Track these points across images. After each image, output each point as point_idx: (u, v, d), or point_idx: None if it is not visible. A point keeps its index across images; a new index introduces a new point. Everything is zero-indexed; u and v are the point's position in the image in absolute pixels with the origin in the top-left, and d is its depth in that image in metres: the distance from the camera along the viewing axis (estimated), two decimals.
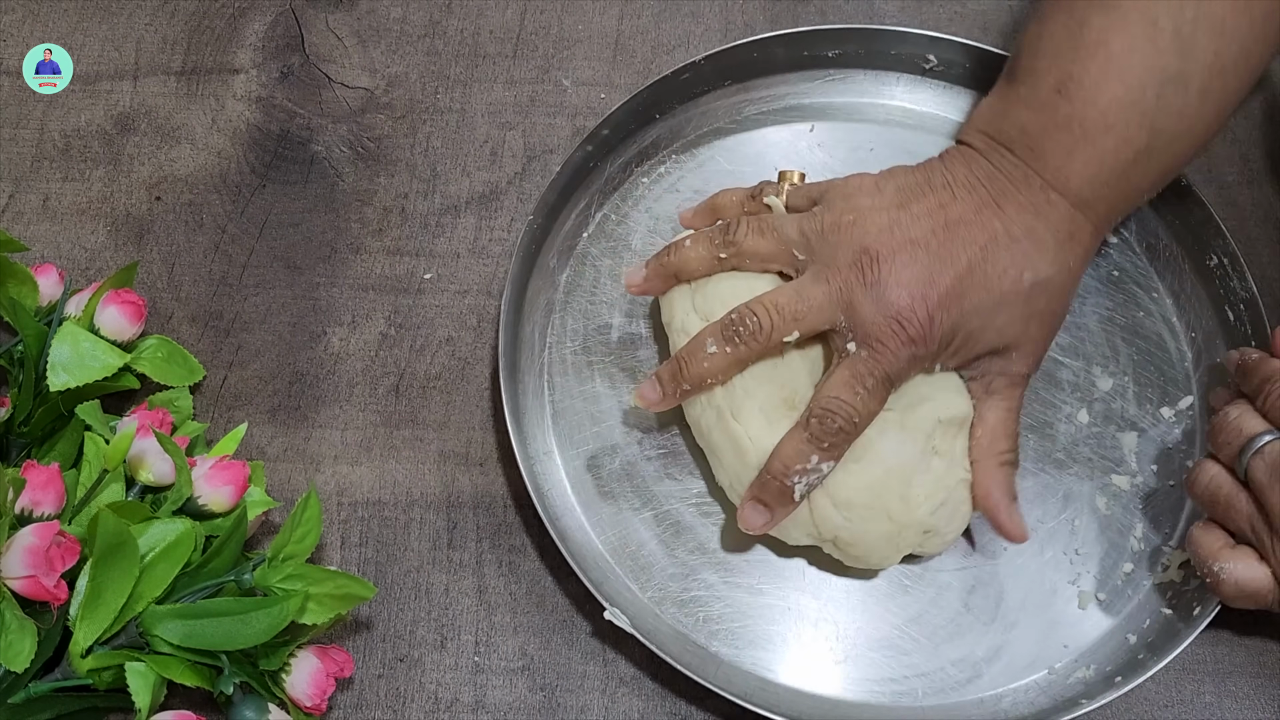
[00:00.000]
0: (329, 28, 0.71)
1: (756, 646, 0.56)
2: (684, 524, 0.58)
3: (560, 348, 0.62)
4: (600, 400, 0.61)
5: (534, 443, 0.59)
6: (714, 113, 0.67)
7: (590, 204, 0.65)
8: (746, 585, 0.57)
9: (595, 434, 0.60)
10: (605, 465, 0.59)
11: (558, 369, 0.61)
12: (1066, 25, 0.52)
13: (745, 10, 0.72)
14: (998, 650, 0.56)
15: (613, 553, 0.58)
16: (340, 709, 0.55)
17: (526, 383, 0.61)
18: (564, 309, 0.63)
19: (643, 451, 0.60)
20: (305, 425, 0.61)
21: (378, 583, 0.57)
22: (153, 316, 0.62)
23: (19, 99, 0.69)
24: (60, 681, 0.50)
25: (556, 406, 0.61)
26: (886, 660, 0.56)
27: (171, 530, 0.51)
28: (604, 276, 0.64)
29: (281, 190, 0.66)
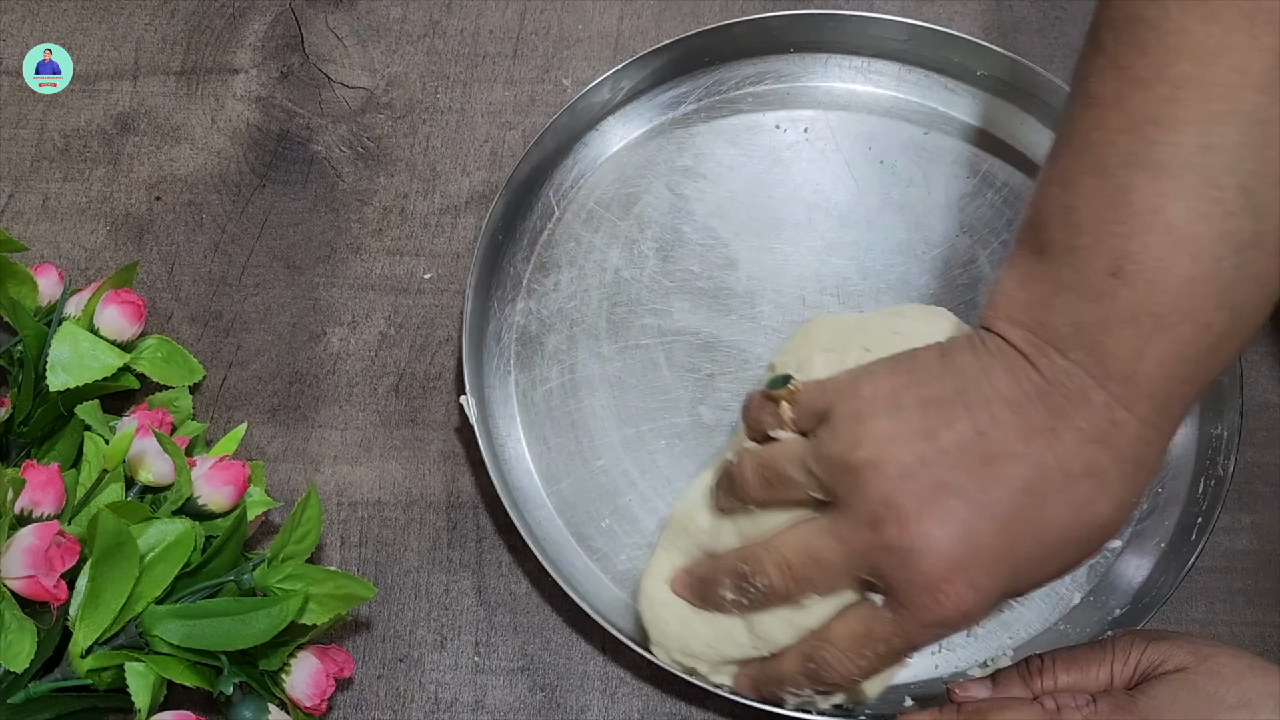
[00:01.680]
0: (329, 28, 0.71)
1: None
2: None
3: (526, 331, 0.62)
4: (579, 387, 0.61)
5: (502, 441, 0.60)
6: (717, 86, 0.68)
7: (578, 164, 0.66)
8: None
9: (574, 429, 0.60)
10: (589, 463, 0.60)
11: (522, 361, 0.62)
12: (1104, 191, 0.41)
13: (745, 10, 0.72)
14: (991, 662, 0.56)
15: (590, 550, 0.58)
16: (340, 709, 0.55)
17: (489, 376, 0.61)
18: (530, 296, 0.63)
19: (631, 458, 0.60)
20: (305, 425, 0.61)
21: (378, 583, 0.57)
22: (152, 316, 0.62)
23: (19, 99, 0.69)
24: (60, 681, 0.50)
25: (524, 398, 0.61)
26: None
27: (171, 530, 0.51)
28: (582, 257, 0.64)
29: (281, 190, 0.66)
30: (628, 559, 0.57)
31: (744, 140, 0.67)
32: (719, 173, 0.66)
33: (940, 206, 0.65)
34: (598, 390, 0.61)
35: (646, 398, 0.61)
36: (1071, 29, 0.72)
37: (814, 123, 0.67)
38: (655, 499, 0.59)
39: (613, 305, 0.63)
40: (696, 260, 0.64)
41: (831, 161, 0.66)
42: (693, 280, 0.63)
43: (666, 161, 0.66)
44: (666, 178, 0.66)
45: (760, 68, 0.68)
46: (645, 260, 0.64)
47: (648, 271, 0.63)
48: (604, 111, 0.66)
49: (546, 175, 0.65)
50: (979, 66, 0.67)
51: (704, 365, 0.61)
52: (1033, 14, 0.72)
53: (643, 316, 0.62)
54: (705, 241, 0.64)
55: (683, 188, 0.65)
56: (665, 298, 0.63)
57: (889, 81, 0.68)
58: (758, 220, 0.65)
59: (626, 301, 0.63)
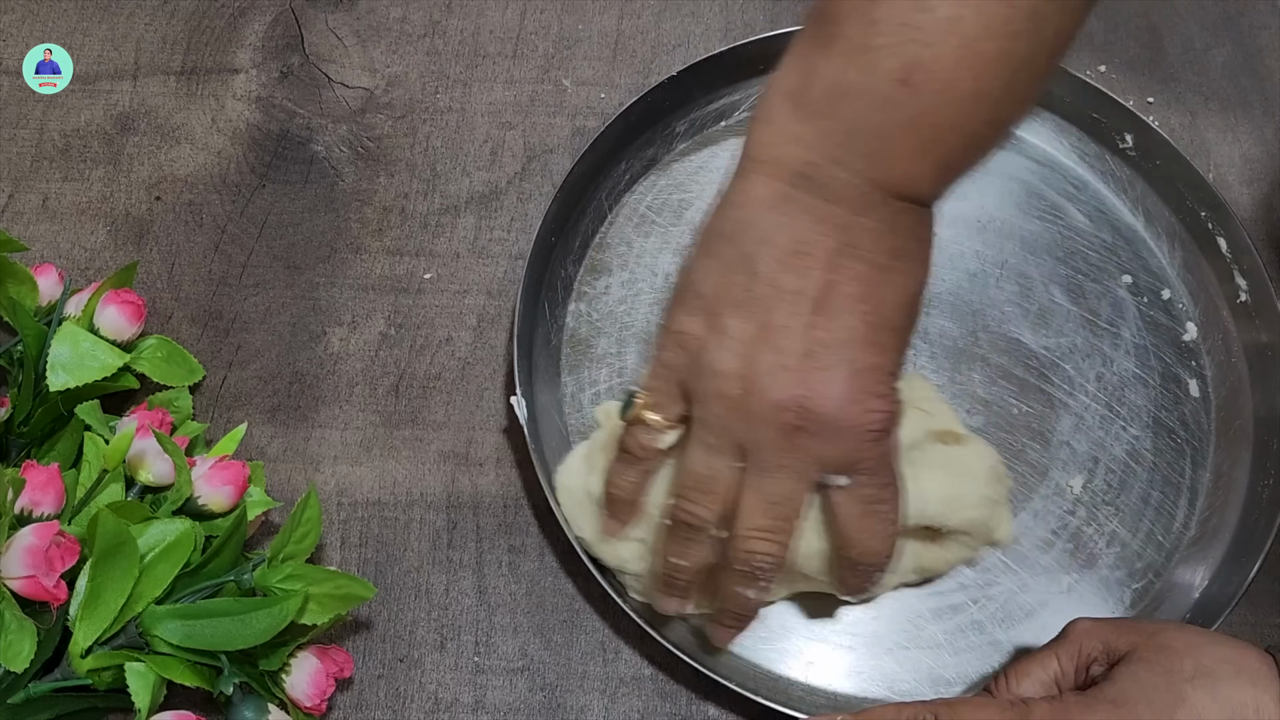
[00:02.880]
0: (329, 28, 0.71)
1: (765, 641, 0.56)
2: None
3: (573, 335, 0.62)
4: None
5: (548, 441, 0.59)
6: (714, 114, 0.68)
7: (630, 169, 0.66)
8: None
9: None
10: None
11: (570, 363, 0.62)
12: (903, 4, 0.42)
13: (745, 10, 0.72)
14: (1011, 656, 0.56)
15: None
16: (340, 709, 0.55)
17: (538, 373, 0.61)
18: (579, 299, 0.63)
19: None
20: (305, 425, 0.61)
21: (378, 583, 0.57)
22: (152, 316, 0.62)
23: (19, 99, 0.69)
24: (60, 681, 0.50)
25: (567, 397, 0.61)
26: (897, 660, 0.56)
27: (171, 530, 0.51)
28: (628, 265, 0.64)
29: (281, 190, 0.66)
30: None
31: None
32: None
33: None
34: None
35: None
36: None
37: None
38: None
39: (663, 310, 0.62)
40: None
41: None
42: None
43: (718, 168, 0.66)
44: (719, 184, 0.64)
45: None
46: None
47: None
48: (656, 117, 0.66)
49: (598, 178, 0.65)
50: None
51: None
52: None
53: None
54: None
55: None
56: None
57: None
58: None
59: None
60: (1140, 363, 0.62)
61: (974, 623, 0.56)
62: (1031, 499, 0.59)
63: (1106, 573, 0.58)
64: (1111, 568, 0.58)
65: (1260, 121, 0.70)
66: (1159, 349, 0.63)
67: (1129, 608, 0.57)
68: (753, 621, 0.52)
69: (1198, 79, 0.71)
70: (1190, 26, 0.72)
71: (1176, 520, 0.59)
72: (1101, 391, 0.61)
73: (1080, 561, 0.58)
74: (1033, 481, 0.59)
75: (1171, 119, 0.70)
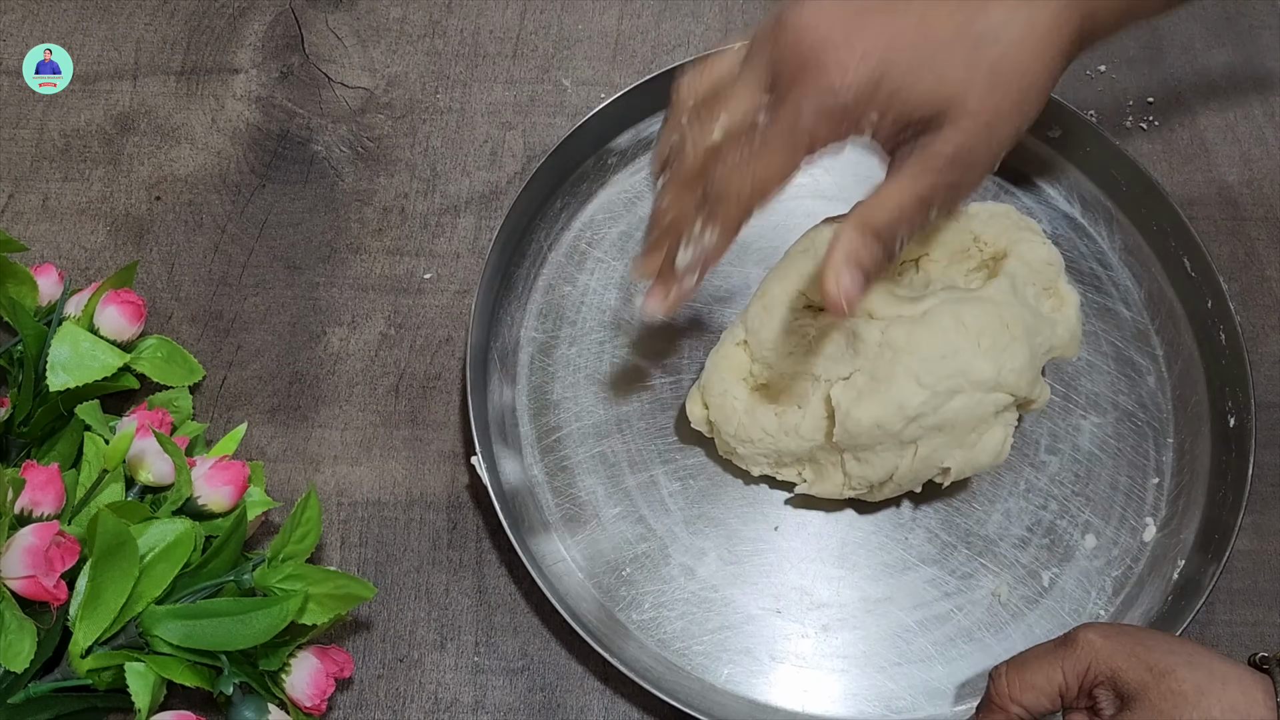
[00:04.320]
0: (329, 28, 0.71)
1: (756, 674, 0.56)
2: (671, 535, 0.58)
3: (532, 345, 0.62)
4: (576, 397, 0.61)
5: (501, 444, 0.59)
6: (643, 144, 0.67)
7: (566, 206, 0.65)
8: (734, 608, 0.57)
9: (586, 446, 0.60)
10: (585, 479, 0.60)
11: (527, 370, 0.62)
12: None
13: (745, 10, 0.72)
14: (1000, 658, 0.56)
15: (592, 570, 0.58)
16: (340, 709, 0.55)
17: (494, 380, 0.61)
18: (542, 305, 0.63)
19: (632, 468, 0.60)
20: (305, 425, 0.61)
21: (378, 583, 0.57)
22: (152, 316, 0.62)
23: (19, 99, 0.69)
24: (60, 681, 0.50)
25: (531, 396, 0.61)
26: (890, 677, 0.56)
27: (171, 530, 0.51)
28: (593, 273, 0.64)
29: (281, 190, 0.66)
30: (651, 607, 0.57)
31: None
32: None
33: None
34: (607, 435, 0.60)
35: (655, 439, 0.60)
36: None
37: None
38: (672, 543, 0.58)
39: (615, 347, 0.62)
40: (697, 296, 0.62)
41: (822, 185, 0.65)
42: (692, 317, 0.62)
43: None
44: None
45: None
46: (642, 299, 0.63)
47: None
48: (586, 152, 0.65)
49: (534, 220, 0.64)
50: None
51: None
52: None
53: (645, 357, 0.62)
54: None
55: None
56: (667, 337, 0.62)
57: None
58: (757, 249, 0.64)
59: (629, 344, 0.62)
60: (1092, 349, 0.62)
61: (961, 630, 0.56)
62: (1002, 499, 0.59)
63: (1085, 563, 0.58)
64: (1090, 558, 0.58)
65: (1260, 121, 0.70)
66: (1108, 334, 0.63)
67: (1112, 595, 0.57)
68: (683, 298, 0.50)
69: (1198, 79, 0.71)
70: (1190, 26, 0.72)
71: (1146, 503, 0.59)
72: (1058, 382, 0.61)
73: (1058, 555, 0.58)
74: (1002, 481, 0.59)
75: (1171, 119, 0.70)
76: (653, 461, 0.59)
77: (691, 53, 0.70)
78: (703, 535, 0.58)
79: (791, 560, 0.58)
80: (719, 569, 0.57)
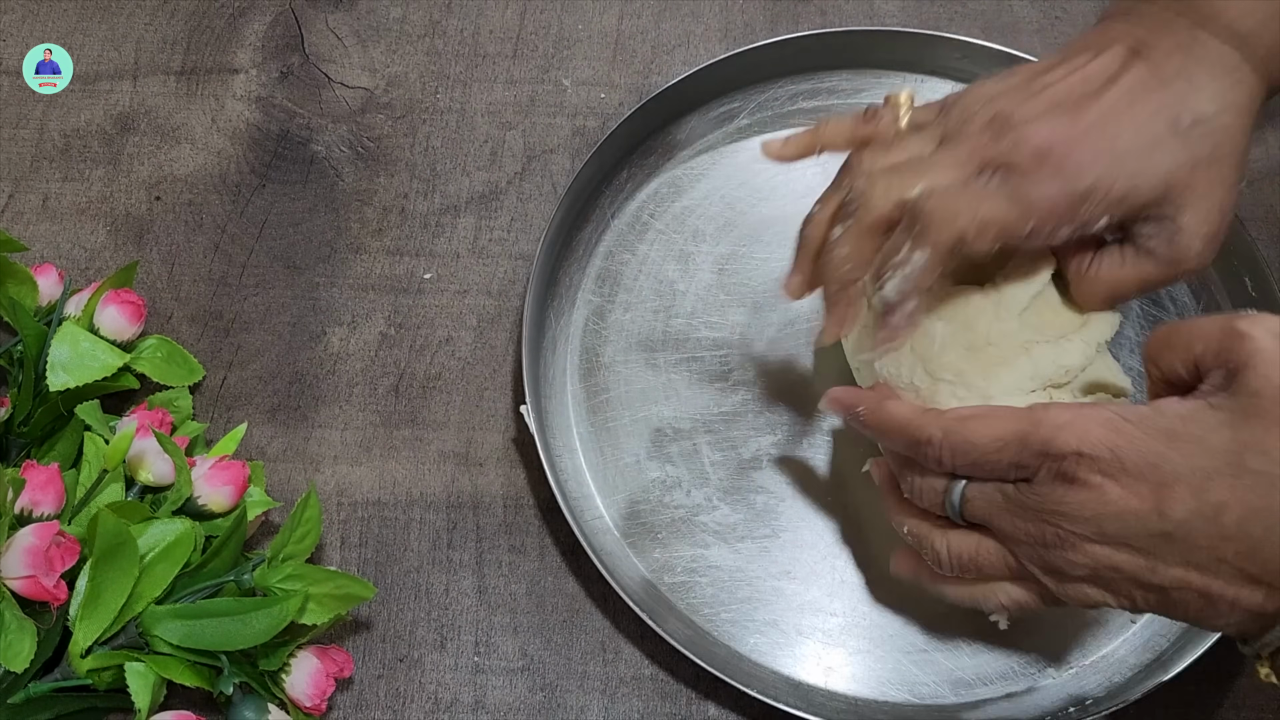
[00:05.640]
0: (329, 28, 0.71)
1: (781, 647, 0.56)
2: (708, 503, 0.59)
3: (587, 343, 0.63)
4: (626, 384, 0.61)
5: (556, 438, 0.60)
6: (769, 101, 0.68)
7: (632, 177, 0.66)
8: (765, 579, 0.57)
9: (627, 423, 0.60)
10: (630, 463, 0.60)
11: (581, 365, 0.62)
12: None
13: (745, 10, 0.72)
14: (1028, 649, 0.56)
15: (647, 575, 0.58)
16: (340, 709, 0.55)
17: (548, 377, 0.62)
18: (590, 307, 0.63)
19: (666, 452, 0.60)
20: (305, 425, 0.61)
21: (378, 583, 0.57)
22: (152, 316, 0.62)
23: (19, 99, 0.69)
24: (60, 681, 0.50)
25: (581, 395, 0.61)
26: (915, 662, 0.56)
27: (171, 530, 0.51)
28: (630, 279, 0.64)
29: (281, 190, 0.66)
30: (683, 571, 0.57)
31: None
32: (772, 187, 0.65)
33: None
34: (655, 402, 0.61)
35: (702, 410, 0.60)
36: (1071, 29, 0.72)
37: None
38: (709, 512, 0.58)
39: (669, 317, 0.63)
40: (751, 273, 0.63)
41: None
42: (748, 294, 0.63)
43: (721, 175, 0.66)
44: (722, 191, 0.65)
45: (813, 83, 0.68)
46: (700, 273, 0.64)
47: (703, 284, 0.63)
48: (659, 124, 0.66)
49: (601, 187, 0.65)
50: None
51: (759, 378, 0.61)
52: (1032, 14, 0.72)
53: (699, 329, 0.62)
54: (759, 255, 0.64)
55: (737, 201, 0.65)
56: (721, 310, 0.63)
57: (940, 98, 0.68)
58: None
59: (683, 314, 0.63)
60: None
61: (990, 624, 0.56)
62: None
63: None
64: None
65: (1260, 121, 0.70)
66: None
67: None
68: (851, 310, 0.51)
69: None
70: None
71: None
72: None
73: None
74: None
75: None
76: (697, 431, 0.60)
77: (691, 53, 0.70)
78: (740, 507, 0.58)
79: (827, 539, 0.58)
80: (753, 541, 0.58)
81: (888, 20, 0.71)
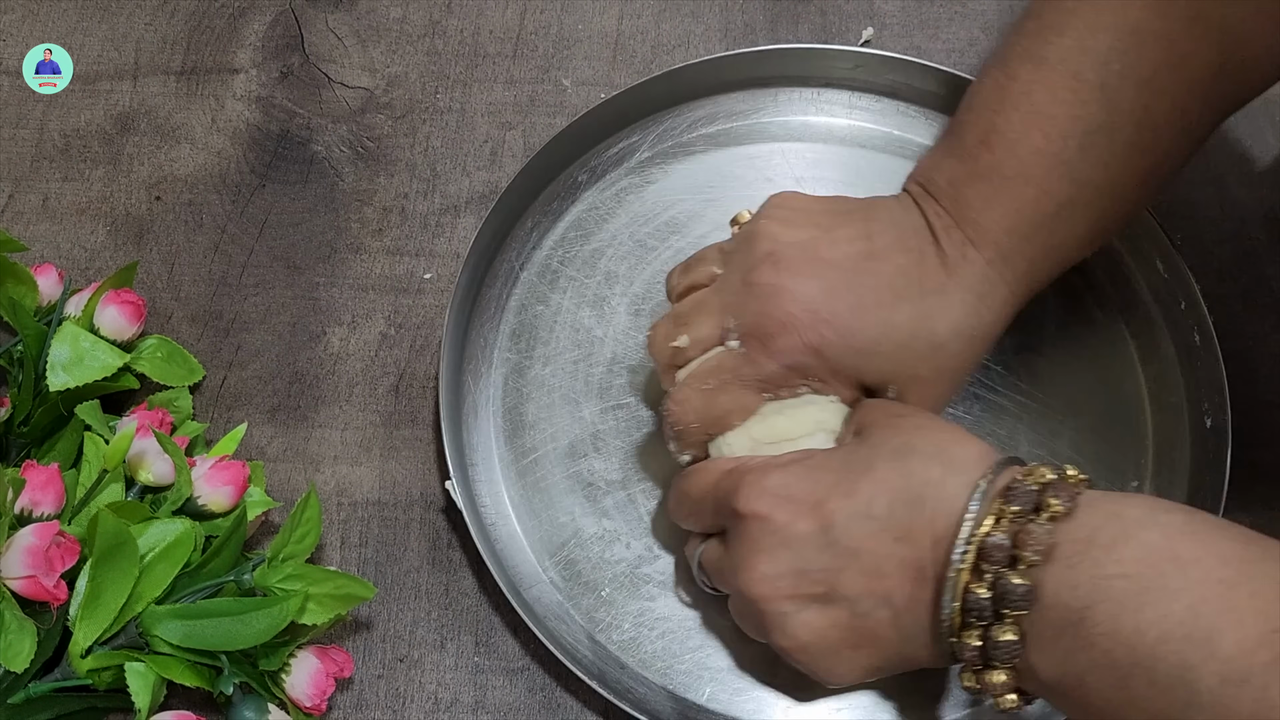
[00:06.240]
0: (329, 28, 0.71)
1: (731, 691, 0.55)
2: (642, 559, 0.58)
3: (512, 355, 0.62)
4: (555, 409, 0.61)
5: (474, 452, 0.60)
6: (668, 132, 0.67)
7: (537, 225, 0.65)
8: (716, 626, 0.56)
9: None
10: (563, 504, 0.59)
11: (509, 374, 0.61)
12: (997, 80, 0.51)
13: (745, 10, 0.72)
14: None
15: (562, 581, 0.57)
16: (340, 709, 0.55)
17: (472, 392, 0.61)
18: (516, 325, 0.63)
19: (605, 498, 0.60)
20: (305, 425, 0.61)
21: (378, 583, 0.57)
22: (152, 316, 0.62)
23: (19, 99, 0.69)
24: (60, 681, 0.50)
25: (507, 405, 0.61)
26: (877, 689, 0.55)
27: (171, 530, 0.51)
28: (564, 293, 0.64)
29: (281, 190, 0.66)
30: (631, 627, 0.56)
31: (703, 184, 0.65)
32: (681, 219, 0.64)
33: None
34: (584, 455, 0.59)
35: (632, 457, 0.59)
36: None
37: (770, 157, 0.66)
38: (650, 563, 0.57)
39: (589, 367, 0.61)
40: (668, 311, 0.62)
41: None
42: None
43: (626, 212, 0.65)
44: (629, 229, 0.64)
45: (710, 108, 0.67)
46: (616, 316, 0.62)
47: (620, 327, 0.62)
48: (559, 167, 0.65)
49: (507, 240, 0.64)
50: (931, 87, 0.66)
51: None
52: None
53: (620, 374, 0.61)
54: None
55: (647, 239, 0.64)
56: (641, 354, 0.61)
57: (841, 110, 0.67)
58: None
59: (603, 361, 0.61)
60: (1069, 353, 0.61)
61: None
62: None
63: None
64: None
65: (1260, 122, 0.70)
66: (1084, 337, 0.62)
67: None
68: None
69: None
70: None
71: None
72: (1035, 386, 0.60)
73: None
74: None
75: None
76: (630, 480, 0.59)
77: (691, 53, 0.70)
78: (682, 554, 0.57)
79: None
80: (700, 588, 0.55)
81: (888, 20, 0.72)
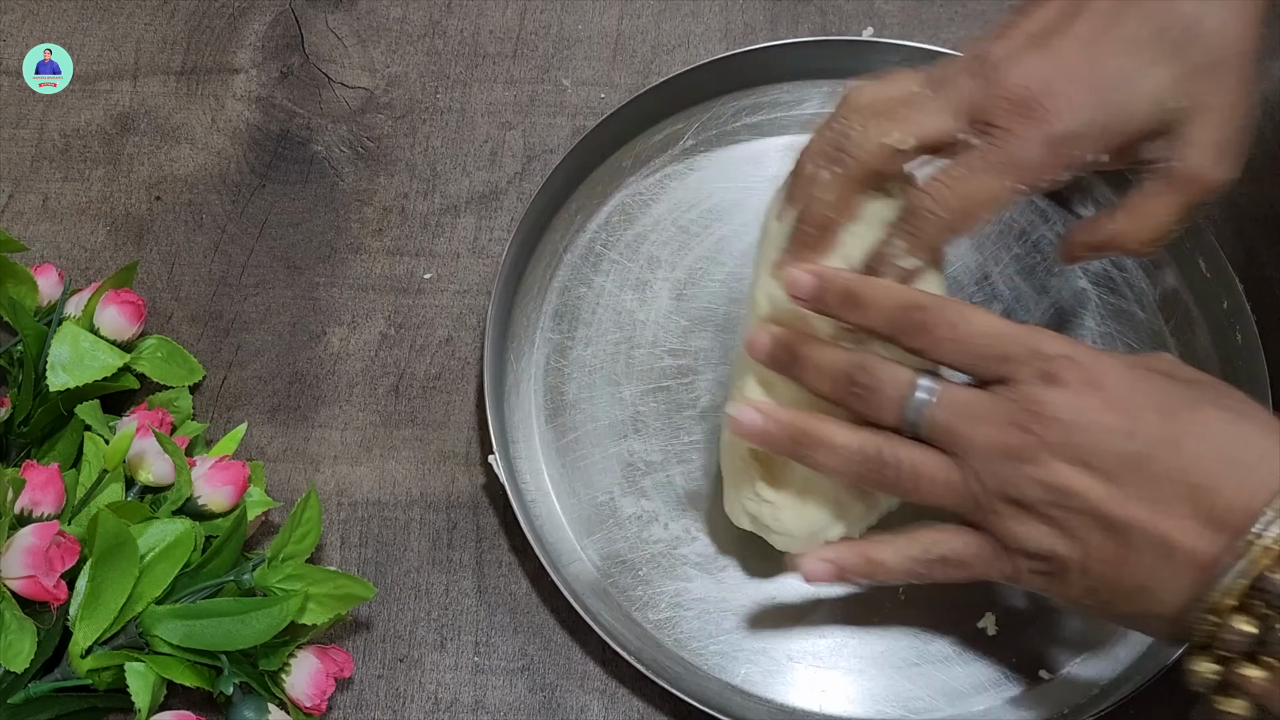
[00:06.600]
0: (329, 28, 0.71)
1: (772, 674, 0.56)
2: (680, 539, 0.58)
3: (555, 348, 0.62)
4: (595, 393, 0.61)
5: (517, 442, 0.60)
6: (713, 120, 0.67)
7: (582, 209, 0.65)
8: (750, 607, 0.57)
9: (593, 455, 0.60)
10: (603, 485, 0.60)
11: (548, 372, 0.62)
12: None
13: (745, 10, 0.72)
14: (1019, 653, 0.56)
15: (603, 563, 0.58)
16: (340, 709, 0.55)
17: (514, 385, 0.61)
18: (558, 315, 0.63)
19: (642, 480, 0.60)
20: (305, 425, 0.61)
21: (378, 583, 0.57)
22: (152, 316, 0.62)
23: (19, 99, 0.69)
24: (60, 681, 0.50)
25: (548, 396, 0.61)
26: (909, 678, 0.55)
27: (171, 530, 0.51)
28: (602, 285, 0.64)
29: (281, 190, 0.66)
30: (667, 607, 0.56)
31: (746, 172, 0.66)
32: (724, 206, 0.65)
33: None
34: (624, 436, 0.60)
35: (672, 439, 0.60)
36: None
37: None
38: (688, 544, 0.58)
39: (631, 349, 0.62)
40: (710, 296, 0.63)
41: None
42: (708, 317, 0.62)
43: (670, 199, 0.65)
44: (672, 215, 0.65)
45: (755, 98, 0.67)
46: (658, 300, 0.63)
47: (662, 311, 0.63)
48: (604, 152, 0.65)
49: (550, 222, 0.64)
50: None
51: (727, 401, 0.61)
52: None
53: (661, 358, 0.62)
54: (717, 276, 0.63)
55: (690, 224, 0.65)
56: (683, 337, 0.62)
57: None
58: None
59: (645, 344, 0.62)
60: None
61: (979, 630, 0.56)
62: None
63: None
64: None
65: (1260, 122, 0.70)
66: (1123, 335, 0.62)
67: None
68: (819, 250, 0.48)
69: None
70: None
71: None
72: None
73: None
74: None
75: None
76: (669, 462, 0.59)
77: (691, 53, 0.70)
78: (719, 536, 0.58)
79: None
80: (735, 569, 0.57)
81: (888, 20, 0.71)
